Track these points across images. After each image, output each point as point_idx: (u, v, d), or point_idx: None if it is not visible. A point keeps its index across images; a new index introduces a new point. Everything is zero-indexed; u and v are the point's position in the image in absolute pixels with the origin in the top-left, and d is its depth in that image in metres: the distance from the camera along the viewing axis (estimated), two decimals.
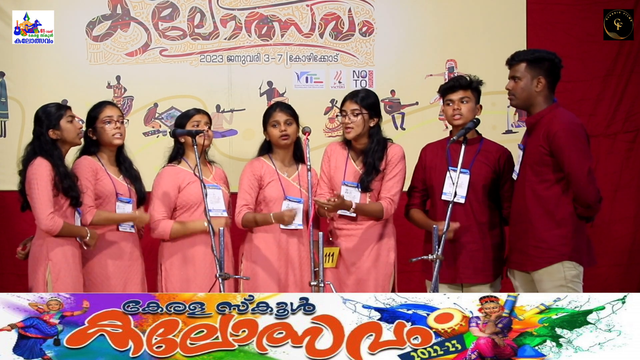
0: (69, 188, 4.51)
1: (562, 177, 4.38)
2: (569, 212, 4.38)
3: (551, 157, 4.37)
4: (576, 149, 4.33)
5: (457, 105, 4.69)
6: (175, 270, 4.80)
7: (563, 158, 4.33)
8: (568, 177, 4.35)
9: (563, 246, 4.37)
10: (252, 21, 6.06)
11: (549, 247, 4.37)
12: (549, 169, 4.39)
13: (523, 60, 4.47)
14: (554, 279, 4.36)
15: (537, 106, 4.47)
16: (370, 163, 4.81)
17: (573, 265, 4.38)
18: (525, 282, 4.51)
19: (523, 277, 4.52)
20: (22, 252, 4.71)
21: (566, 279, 4.36)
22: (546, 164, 4.39)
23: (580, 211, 4.39)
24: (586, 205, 4.36)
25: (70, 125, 4.61)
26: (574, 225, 4.40)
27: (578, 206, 4.37)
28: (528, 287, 4.49)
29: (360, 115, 4.80)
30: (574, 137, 4.35)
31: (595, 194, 4.37)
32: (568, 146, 4.32)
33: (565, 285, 4.33)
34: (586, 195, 4.34)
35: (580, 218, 4.41)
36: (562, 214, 4.38)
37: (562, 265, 4.36)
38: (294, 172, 4.95)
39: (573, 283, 4.37)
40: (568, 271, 4.37)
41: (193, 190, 4.80)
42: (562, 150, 4.33)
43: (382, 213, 4.81)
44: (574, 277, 4.38)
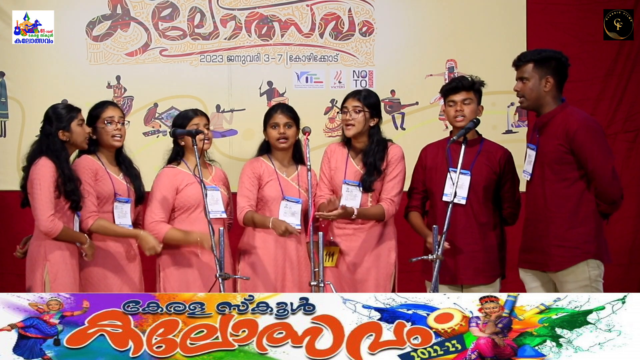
0: (71, 192, 4.50)
1: (583, 175, 4.37)
2: (592, 209, 4.38)
3: (572, 155, 4.36)
4: (598, 146, 4.34)
5: (460, 106, 4.69)
6: (173, 269, 4.80)
7: (586, 156, 4.33)
8: (592, 174, 4.34)
9: (587, 244, 4.36)
10: (252, 21, 6.06)
11: (573, 245, 4.36)
12: (569, 167, 4.38)
13: (530, 61, 4.45)
14: (578, 279, 4.34)
15: (547, 106, 4.46)
16: (372, 163, 4.81)
17: (597, 264, 4.37)
18: (543, 282, 4.49)
19: (541, 278, 4.49)
20: (20, 251, 4.71)
21: (590, 279, 4.35)
22: (566, 162, 4.37)
23: (603, 208, 4.39)
24: (611, 201, 4.37)
25: (80, 128, 4.61)
26: (596, 222, 4.39)
27: (601, 203, 4.37)
28: (546, 287, 4.47)
29: (362, 112, 4.80)
30: (594, 134, 4.36)
31: (619, 190, 4.39)
32: (590, 143, 4.33)
33: (589, 286, 4.32)
34: (612, 191, 4.35)
35: (601, 215, 4.41)
36: (584, 212, 4.37)
37: (587, 265, 4.35)
38: (293, 172, 4.94)
39: (596, 283, 4.37)
40: (592, 271, 4.36)
41: (191, 191, 4.79)
42: (583, 148, 4.32)
43: (383, 215, 4.82)
44: (597, 276, 4.38)
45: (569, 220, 4.38)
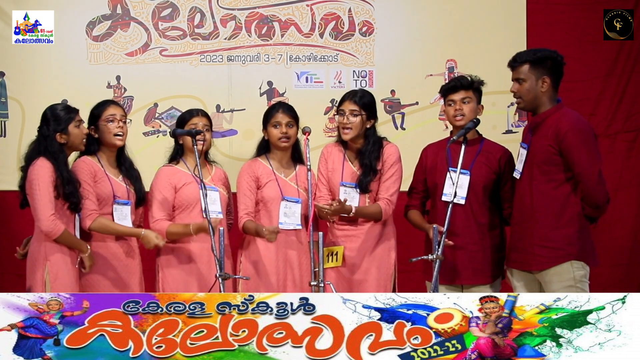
0: (70, 194, 4.49)
1: (570, 177, 4.38)
2: (577, 212, 4.38)
3: (560, 157, 4.36)
4: (587, 149, 4.34)
5: (459, 105, 4.69)
6: (172, 269, 4.80)
7: (573, 158, 4.33)
8: (578, 177, 4.35)
9: (569, 246, 4.37)
10: (252, 21, 6.06)
11: (556, 246, 4.37)
12: (557, 168, 4.38)
13: (526, 62, 4.45)
14: (563, 279, 4.36)
15: (543, 106, 4.46)
16: (367, 164, 4.81)
17: (581, 265, 4.38)
18: (527, 282, 4.51)
19: (525, 277, 4.51)
20: (20, 252, 4.70)
21: (575, 279, 4.35)
22: (555, 163, 4.38)
23: (588, 211, 4.39)
24: (595, 205, 4.37)
25: (77, 130, 4.59)
26: (580, 225, 4.40)
27: (586, 206, 4.38)
28: (530, 287, 4.49)
29: (359, 116, 4.80)
30: (584, 137, 4.36)
31: (604, 195, 4.37)
32: (578, 146, 4.32)
33: (574, 286, 4.33)
34: (596, 195, 4.35)
35: (587, 218, 4.41)
36: (569, 214, 4.38)
37: (571, 265, 4.36)
38: (292, 172, 4.94)
39: (581, 283, 4.37)
40: (577, 271, 4.36)
41: (189, 191, 4.80)
42: (572, 150, 4.33)
43: (381, 215, 4.82)
44: (582, 277, 4.38)
45: (553, 221, 4.38)
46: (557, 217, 4.38)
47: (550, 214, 4.39)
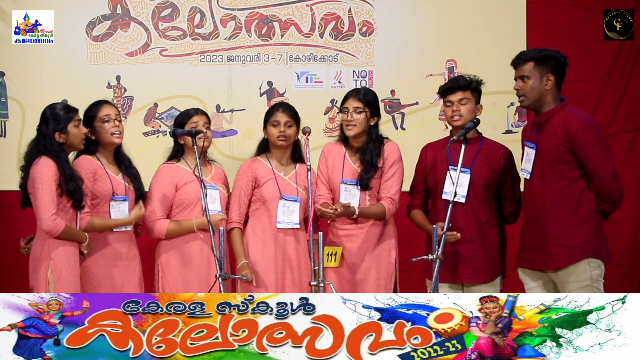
0: (73, 191, 4.50)
1: (582, 174, 4.38)
2: (591, 209, 4.39)
3: (572, 155, 4.36)
4: (599, 145, 4.35)
5: (456, 106, 4.69)
6: (171, 268, 4.80)
7: (586, 156, 4.33)
8: (592, 173, 4.35)
9: (586, 244, 4.37)
10: (252, 21, 6.06)
11: (572, 244, 4.36)
12: (569, 166, 4.38)
13: (530, 59, 4.46)
14: (580, 279, 4.35)
15: (547, 105, 4.46)
16: (368, 160, 4.81)
17: (597, 264, 4.38)
18: (543, 282, 4.50)
19: (541, 277, 4.50)
20: (26, 246, 4.70)
21: (592, 279, 4.35)
22: (566, 161, 4.38)
23: (603, 207, 4.39)
24: (611, 200, 4.38)
25: (76, 130, 4.60)
26: (595, 222, 4.40)
27: (602, 202, 4.38)
28: (546, 287, 4.48)
29: (363, 113, 4.80)
30: (595, 134, 4.37)
31: (619, 190, 4.41)
32: (590, 143, 4.33)
33: (591, 285, 4.33)
34: (612, 191, 4.36)
35: (600, 214, 4.42)
36: (583, 211, 4.38)
37: (588, 265, 4.35)
38: (291, 171, 4.94)
39: (598, 282, 4.37)
40: (594, 270, 4.36)
41: (190, 189, 4.81)
42: (584, 147, 4.33)
43: (384, 214, 4.82)
44: (598, 276, 4.38)
45: (568, 219, 4.38)
46: (572, 215, 4.38)
47: (564, 213, 4.38)
